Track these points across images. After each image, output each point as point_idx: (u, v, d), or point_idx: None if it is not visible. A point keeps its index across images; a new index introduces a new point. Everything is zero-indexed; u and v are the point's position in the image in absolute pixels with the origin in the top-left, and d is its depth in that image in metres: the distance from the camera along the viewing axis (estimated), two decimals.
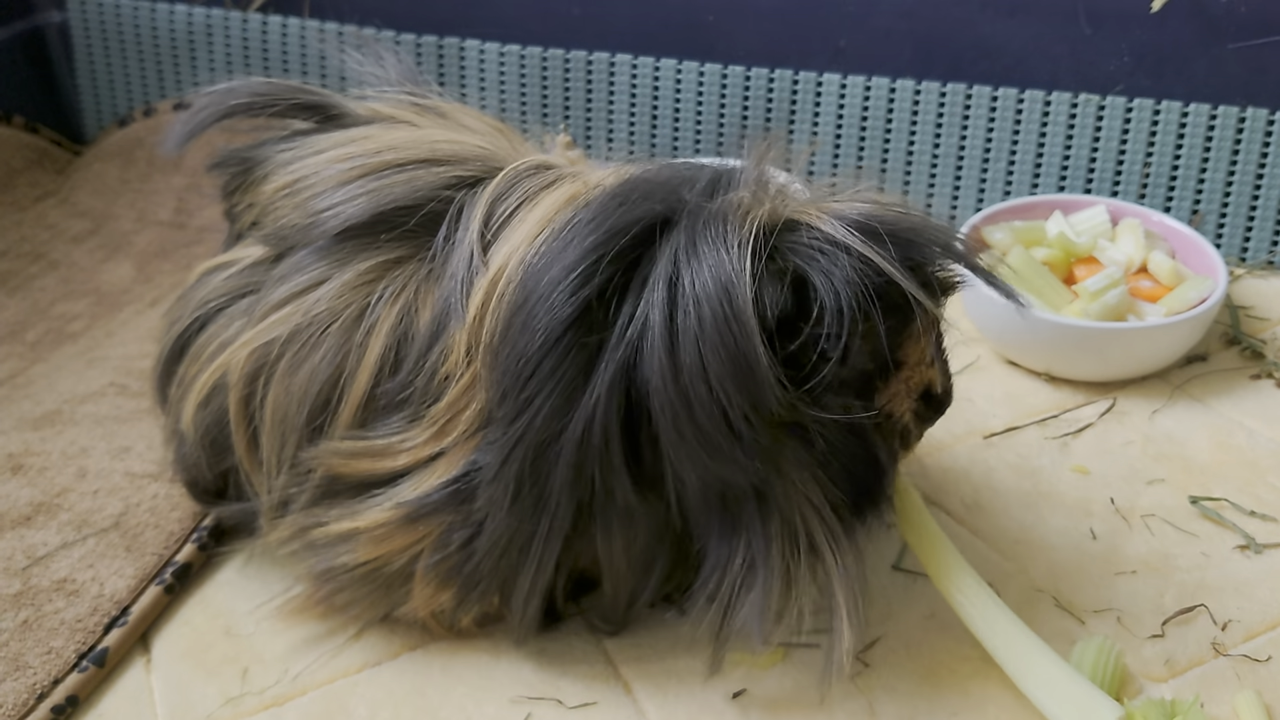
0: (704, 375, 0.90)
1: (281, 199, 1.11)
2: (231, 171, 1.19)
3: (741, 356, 0.89)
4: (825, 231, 0.93)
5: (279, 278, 1.08)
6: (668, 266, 0.92)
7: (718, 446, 0.92)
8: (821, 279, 0.92)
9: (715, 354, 0.89)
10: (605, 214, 0.96)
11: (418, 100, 1.19)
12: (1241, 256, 1.72)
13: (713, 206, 0.95)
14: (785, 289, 0.92)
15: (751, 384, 0.90)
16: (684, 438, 0.92)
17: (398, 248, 1.05)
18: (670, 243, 0.94)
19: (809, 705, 1.05)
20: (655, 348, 0.91)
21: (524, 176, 1.06)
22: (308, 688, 1.09)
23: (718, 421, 0.91)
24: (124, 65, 2.06)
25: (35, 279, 1.78)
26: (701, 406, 0.90)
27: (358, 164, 1.08)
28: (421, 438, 1.01)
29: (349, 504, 1.04)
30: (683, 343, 0.90)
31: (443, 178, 1.06)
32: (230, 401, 1.08)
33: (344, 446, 1.03)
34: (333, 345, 1.04)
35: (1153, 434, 1.39)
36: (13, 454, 1.36)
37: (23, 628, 1.13)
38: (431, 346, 1.01)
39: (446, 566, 1.03)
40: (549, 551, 1.00)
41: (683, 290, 0.91)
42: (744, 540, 0.96)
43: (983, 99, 1.73)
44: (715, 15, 1.80)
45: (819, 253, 0.92)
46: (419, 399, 1.01)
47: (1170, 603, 1.15)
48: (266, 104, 1.17)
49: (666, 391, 0.91)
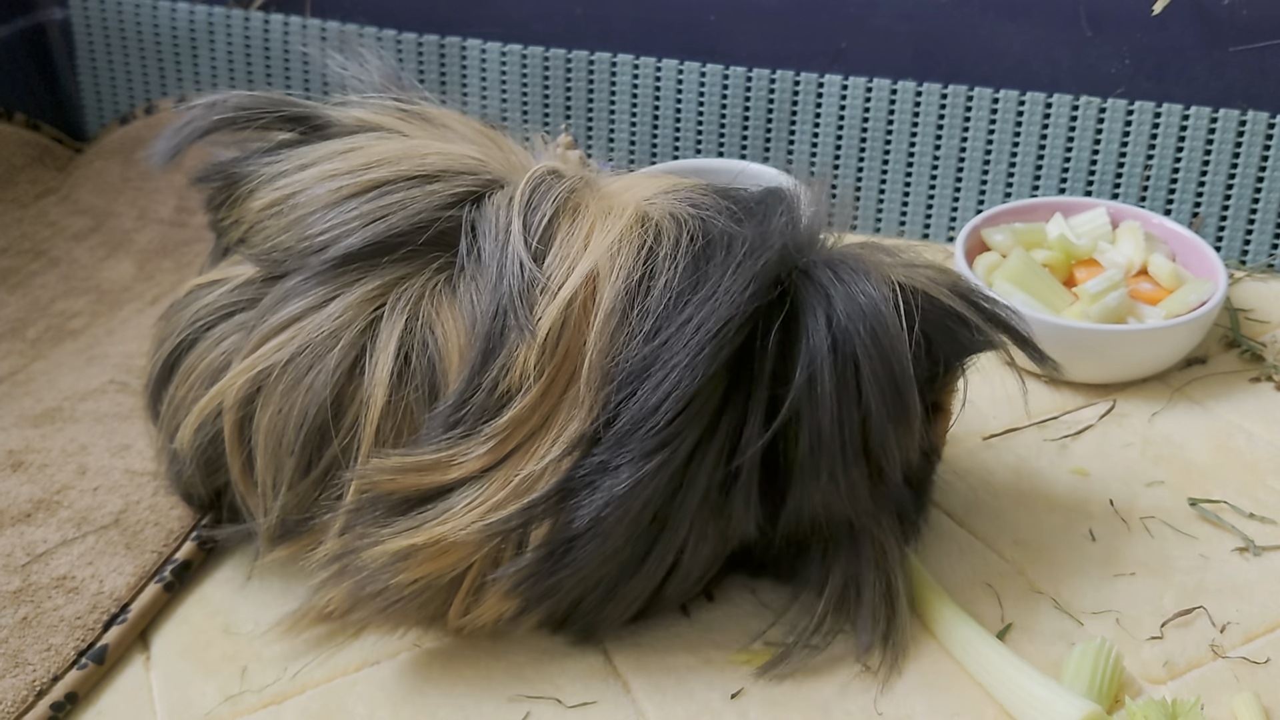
0: (861, 418, 1.02)
1: (269, 218, 1.10)
2: (215, 186, 1.17)
3: (903, 402, 1.03)
4: (935, 292, 1.06)
5: (275, 302, 1.06)
6: (822, 307, 1.01)
7: (853, 483, 1.04)
8: (942, 339, 1.08)
9: (877, 400, 1.02)
10: (742, 261, 1.02)
11: (403, 105, 1.18)
12: (1241, 259, 1.72)
13: (831, 255, 1.06)
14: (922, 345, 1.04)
15: (907, 426, 1.04)
16: (825, 465, 1.02)
17: (401, 267, 1.04)
18: (809, 289, 1.03)
19: (808, 705, 1.05)
20: (823, 385, 1.00)
21: (547, 183, 1.06)
22: (306, 686, 1.09)
23: (859, 451, 1.03)
24: (126, 63, 2.06)
25: (36, 276, 1.78)
26: (850, 443, 1.02)
27: (346, 182, 1.07)
28: (479, 451, 0.99)
29: (398, 521, 1.01)
30: (845, 391, 1.01)
31: (440, 197, 1.05)
32: (225, 425, 1.07)
33: (390, 463, 1.00)
34: (333, 366, 1.02)
35: (1152, 436, 1.39)
36: (13, 451, 1.36)
37: (22, 624, 1.13)
38: (488, 362, 0.99)
39: (518, 579, 1.01)
40: (659, 568, 1.05)
41: (839, 326, 1.01)
42: (840, 565, 1.09)
43: (984, 101, 1.74)
44: (717, 16, 1.80)
45: (939, 302, 1.06)
46: (476, 415, 1.00)
47: (1169, 605, 1.15)
48: (251, 117, 1.16)
49: (827, 430, 1.01)
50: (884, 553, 1.10)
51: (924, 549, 1.22)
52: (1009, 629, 1.13)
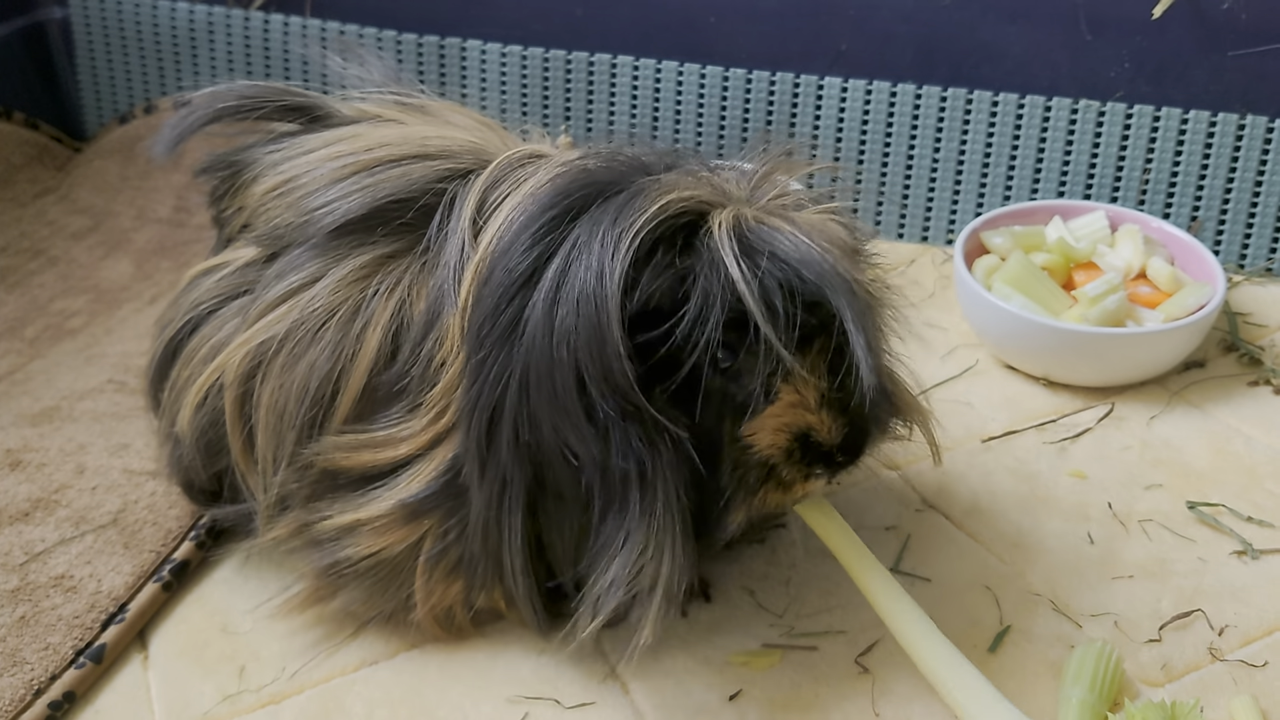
0: (566, 340, 0.91)
1: (273, 200, 1.11)
2: (220, 176, 1.19)
3: (598, 329, 0.90)
4: (718, 241, 0.93)
5: (274, 276, 1.08)
6: (578, 234, 0.94)
7: (566, 410, 0.92)
8: (701, 288, 0.92)
9: (578, 323, 0.91)
10: (559, 187, 0.97)
11: (403, 99, 1.19)
12: (1240, 263, 1.72)
13: (643, 184, 0.96)
14: (663, 283, 0.92)
15: (603, 356, 0.90)
16: (544, 397, 0.93)
17: (393, 242, 1.05)
18: (592, 214, 0.95)
19: (806, 707, 1.05)
20: (538, 310, 0.92)
21: (516, 165, 1.06)
22: (305, 686, 1.09)
23: (570, 385, 0.91)
24: (125, 62, 2.06)
25: (34, 275, 1.78)
26: (560, 369, 0.92)
27: (349, 161, 1.08)
28: (420, 424, 1.01)
29: (351, 497, 1.04)
30: (560, 312, 0.92)
31: (436, 171, 1.06)
32: (226, 401, 1.08)
33: (345, 440, 1.03)
34: (330, 340, 1.04)
35: (1150, 439, 1.39)
36: (11, 450, 1.36)
37: (20, 623, 1.13)
38: (427, 334, 1.01)
39: (451, 557, 1.03)
40: (513, 525, 0.99)
41: (576, 261, 0.92)
42: (626, 519, 0.95)
43: (983, 104, 1.74)
44: (717, 18, 1.80)
45: (709, 262, 0.92)
46: (417, 387, 1.02)
47: (1167, 608, 1.16)
48: (254, 106, 1.17)
49: (537, 351, 0.92)
50: (663, 522, 0.95)
51: (923, 550, 1.22)
52: (1008, 631, 1.13)
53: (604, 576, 0.95)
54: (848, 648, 1.11)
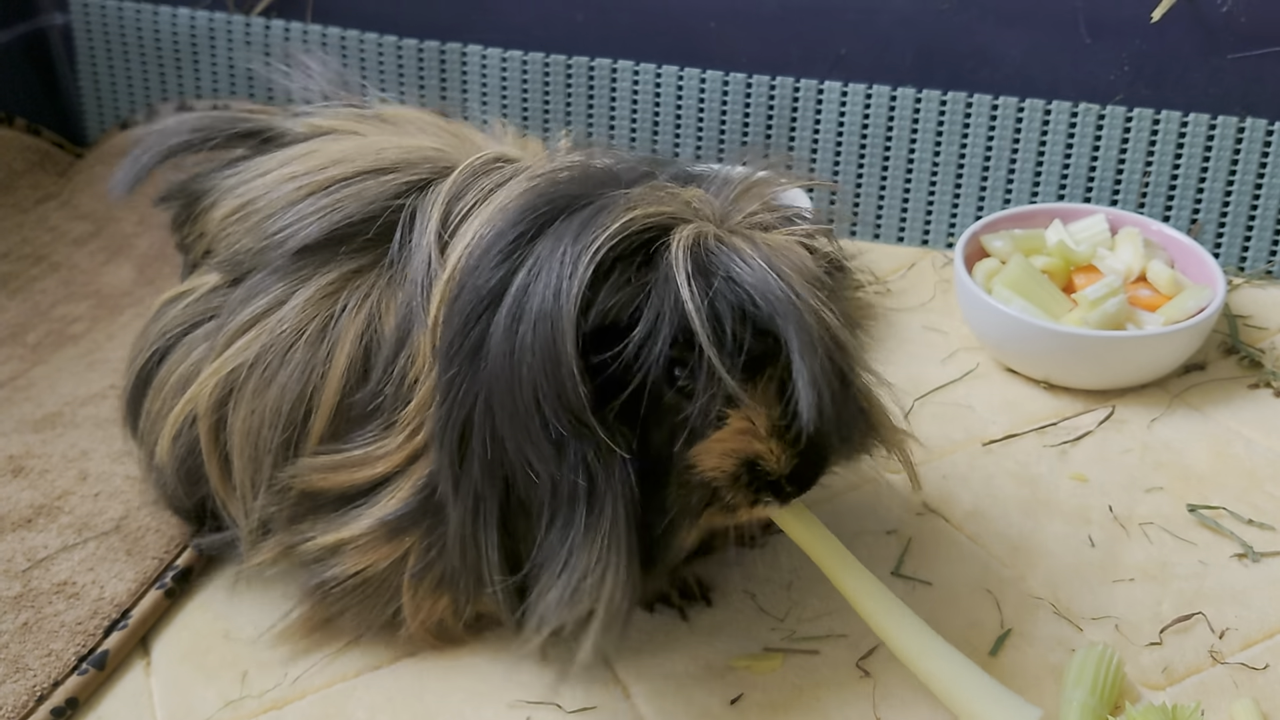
0: (524, 359, 0.91)
1: (232, 224, 1.11)
2: (178, 204, 1.20)
3: (553, 348, 0.89)
4: (673, 258, 0.90)
5: (239, 301, 1.07)
6: (539, 251, 0.93)
7: (526, 428, 0.91)
8: (652, 304, 0.90)
9: (534, 342, 0.90)
10: (527, 203, 0.96)
11: (359, 108, 1.18)
12: (1240, 266, 1.72)
13: (609, 199, 0.94)
14: (621, 298, 0.91)
15: (556, 375, 0.89)
16: (506, 415, 0.92)
17: (357, 259, 1.05)
18: (556, 229, 0.93)
19: (808, 710, 1.05)
20: (500, 328, 0.92)
21: (480, 173, 1.05)
22: (306, 691, 1.09)
23: (530, 404, 0.91)
24: (126, 68, 2.06)
25: (36, 281, 1.79)
26: (519, 387, 0.91)
27: (305, 182, 1.08)
28: (396, 442, 1.01)
29: (332, 518, 1.04)
30: (520, 329, 0.91)
31: (392, 185, 1.06)
32: (200, 431, 1.08)
33: (321, 461, 1.03)
34: (300, 360, 1.03)
35: (1151, 442, 1.39)
36: (13, 456, 1.36)
37: (23, 630, 1.13)
38: (399, 352, 1.01)
39: (435, 573, 1.03)
40: (490, 540, 0.97)
41: (536, 279, 0.91)
42: (572, 534, 0.93)
43: (983, 107, 1.74)
44: (717, 22, 1.80)
45: (663, 279, 0.90)
46: (391, 405, 1.01)
47: (1168, 610, 1.16)
48: (206, 138, 1.18)
49: (501, 369, 0.92)
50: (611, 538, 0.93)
51: (924, 554, 1.22)
52: (1008, 634, 1.13)
53: (549, 592, 0.94)
54: (849, 651, 1.11)
